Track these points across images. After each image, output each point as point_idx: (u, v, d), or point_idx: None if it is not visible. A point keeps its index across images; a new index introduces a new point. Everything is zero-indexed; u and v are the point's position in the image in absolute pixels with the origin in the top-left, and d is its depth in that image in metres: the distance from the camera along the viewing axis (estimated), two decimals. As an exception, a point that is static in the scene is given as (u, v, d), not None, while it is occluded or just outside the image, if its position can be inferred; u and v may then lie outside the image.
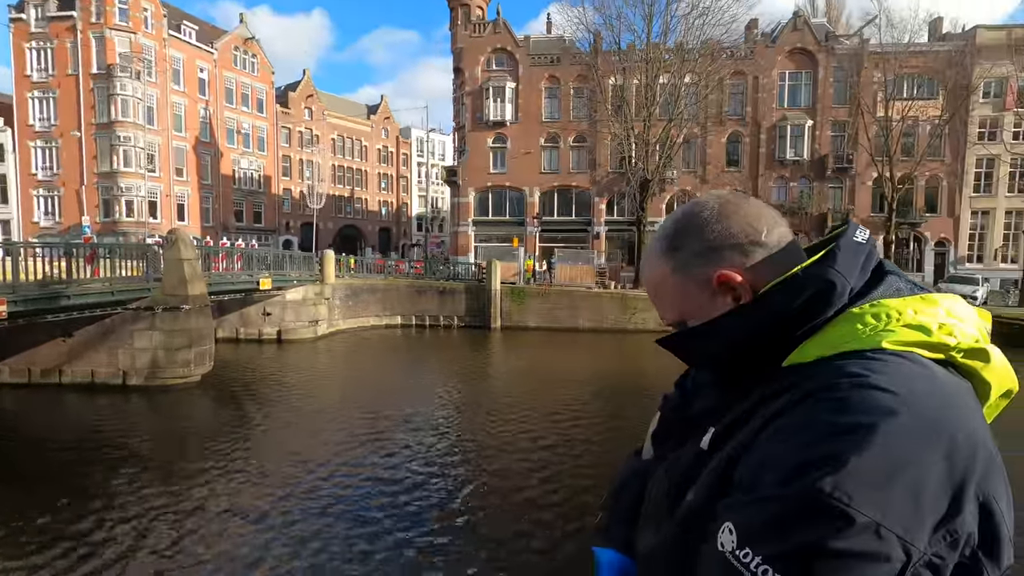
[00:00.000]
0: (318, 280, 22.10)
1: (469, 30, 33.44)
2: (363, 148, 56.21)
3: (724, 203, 0.79)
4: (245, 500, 7.02)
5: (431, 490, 7.43)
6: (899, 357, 0.64)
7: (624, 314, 23.55)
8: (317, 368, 16.21)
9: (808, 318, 0.70)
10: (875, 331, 0.66)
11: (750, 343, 0.73)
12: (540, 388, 13.95)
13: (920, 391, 0.60)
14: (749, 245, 0.75)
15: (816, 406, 0.61)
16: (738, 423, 0.70)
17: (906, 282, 0.74)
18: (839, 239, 0.75)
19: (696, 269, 0.77)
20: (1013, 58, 28.28)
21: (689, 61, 26.54)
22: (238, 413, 11.51)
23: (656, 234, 0.85)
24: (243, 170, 44.33)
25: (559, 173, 33.22)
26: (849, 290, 0.70)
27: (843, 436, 0.57)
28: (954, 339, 0.67)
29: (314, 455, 8.60)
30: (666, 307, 0.83)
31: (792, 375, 0.67)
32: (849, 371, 0.62)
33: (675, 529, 0.73)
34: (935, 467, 0.56)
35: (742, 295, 0.75)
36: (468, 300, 24.50)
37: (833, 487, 0.54)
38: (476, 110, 33.37)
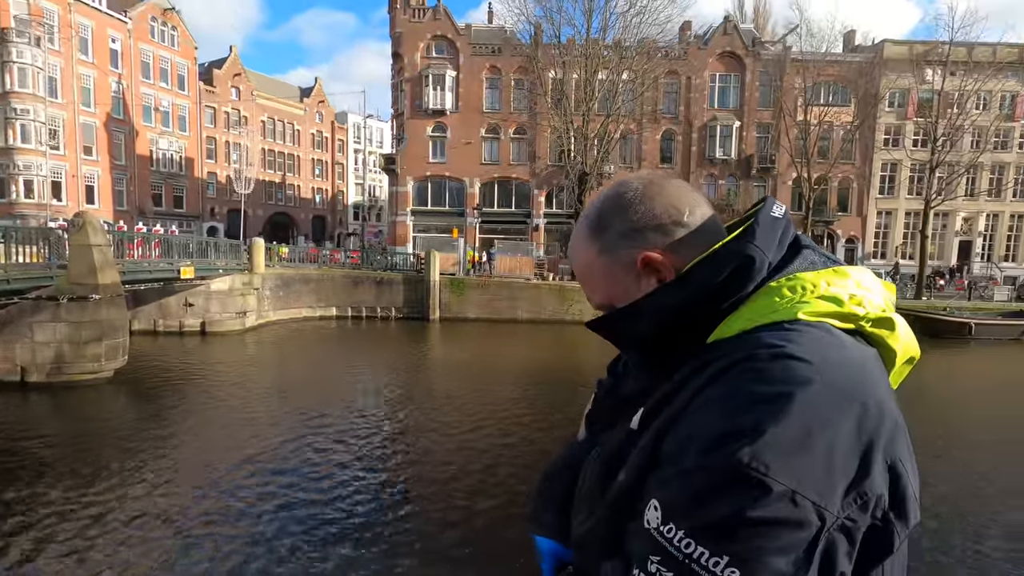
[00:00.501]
0: (246, 269, 21.01)
1: (408, 15, 32.64)
2: (296, 132, 53.80)
3: (647, 184, 0.79)
4: (158, 504, 6.58)
5: (363, 487, 7.26)
6: (813, 327, 0.67)
7: (562, 305, 23.94)
8: (244, 362, 15.45)
9: (730, 293, 0.71)
10: (791, 303, 0.69)
11: (676, 321, 0.74)
12: (479, 380, 13.96)
13: (833, 360, 0.62)
14: (671, 226, 0.76)
15: (737, 377, 0.62)
16: (666, 400, 0.70)
17: (820, 255, 0.77)
18: (757, 215, 0.76)
19: (621, 251, 0.78)
20: (914, 71, 30.89)
21: (627, 58, 27.15)
22: (154, 410, 10.77)
23: (581, 216, 0.85)
24: (162, 151, 41.33)
25: (499, 164, 33.19)
26: (768, 264, 0.72)
27: (761, 406, 0.58)
28: (863, 309, 0.70)
29: (237, 454, 8.20)
30: (594, 289, 0.83)
31: (716, 350, 0.69)
32: (767, 342, 0.64)
33: (607, 510, 0.73)
34: (847, 434, 0.58)
35: (666, 275, 0.76)
36: (406, 291, 24.10)
37: (751, 457, 0.56)
38: (415, 97, 32.70)
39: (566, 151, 28.14)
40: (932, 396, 12.38)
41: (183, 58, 42.43)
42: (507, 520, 6.26)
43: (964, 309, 23.81)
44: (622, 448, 0.75)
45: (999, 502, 7.20)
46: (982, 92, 29.33)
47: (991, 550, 5.96)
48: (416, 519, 6.41)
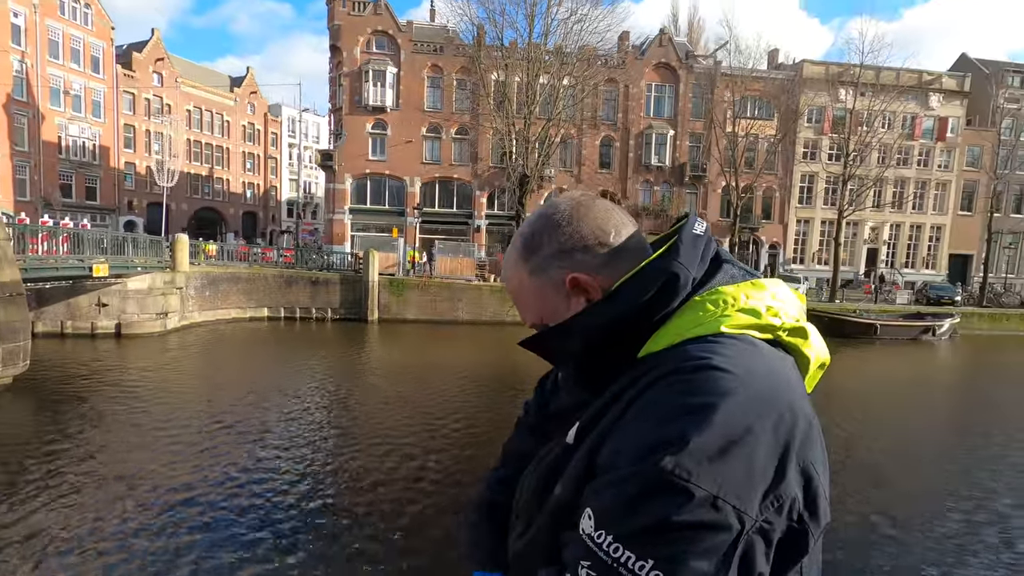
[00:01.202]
0: (168, 267, 19.74)
1: (348, 7, 31.77)
2: (225, 123, 51.07)
3: (575, 206, 0.82)
4: (57, 522, 6.06)
5: (284, 501, 6.99)
6: (735, 339, 0.71)
7: (503, 307, 24.02)
8: (163, 366, 14.50)
9: (657, 309, 0.75)
10: (714, 317, 0.73)
11: (605, 338, 0.77)
12: (417, 383, 13.78)
13: (754, 370, 0.66)
14: (598, 246, 0.80)
15: (664, 389, 0.66)
16: (600, 413, 0.73)
17: (739, 269, 0.81)
18: (680, 232, 0.80)
19: (551, 271, 0.81)
20: (829, 90, 33.33)
21: (567, 64, 27.66)
22: (57, 421, 9.89)
23: (513, 238, 0.88)
24: (73, 138, 38.11)
25: (441, 164, 32.92)
26: (691, 280, 0.76)
27: (686, 416, 0.61)
28: (779, 320, 0.75)
29: (148, 467, 7.68)
30: (526, 309, 0.86)
31: (646, 363, 0.72)
32: (693, 354, 0.68)
33: (545, 523, 0.76)
34: (765, 440, 0.61)
35: (593, 294, 0.79)
36: (343, 291, 23.43)
37: (675, 464, 0.59)
38: (355, 93, 31.87)
39: (508, 153, 28.29)
40: (843, 391, 13.38)
41: (98, 38, 39.33)
42: (435, 523, 6.22)
43: (871, 311, 25.89)
44: (558, 462, 0.78)
45: (896, 494, 7.88)
46: (887, 112, 32.04)
47: (886, 541, 6.51)
48: (340, 529, 6.24)
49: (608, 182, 33.49)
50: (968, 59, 40.68)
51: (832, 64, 35.11)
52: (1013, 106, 37.22)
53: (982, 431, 11.11)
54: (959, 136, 37.29)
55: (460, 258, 26.92)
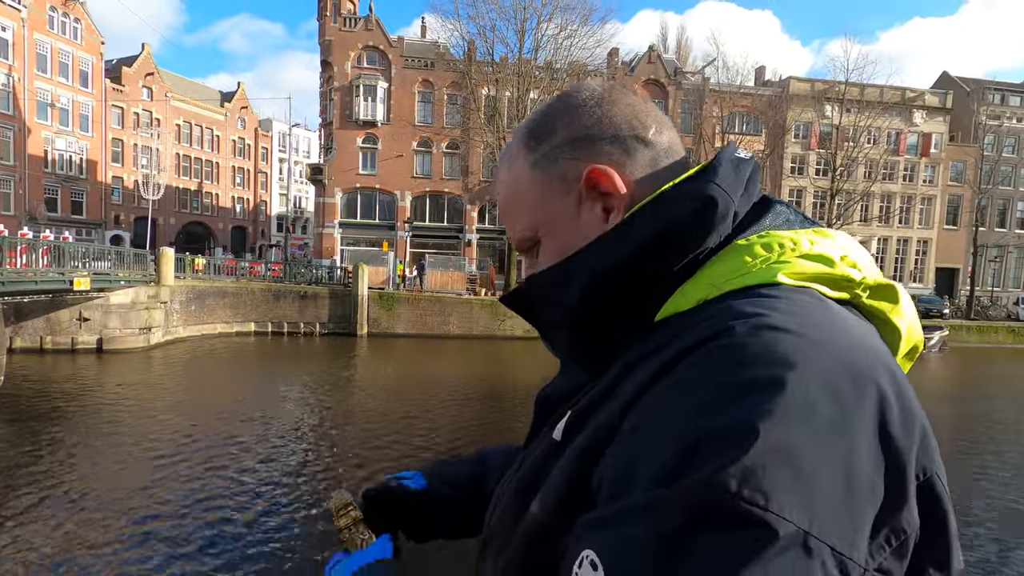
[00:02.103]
0: (153, 281, 19.40)
1: (339, 23, 31.92)
2: (215, 138, 50.92)
3: (609, 89, 0.61)
4: (22, 540, 5.76)
5: (271, 522, 6.72)
6: (799, 293, 0.49)
7: (494, 321, 23.85)
8: (145, 382, 14.12)
9: (684, 250, 0.53)
10: (767, 263, 0.51)
11: (613, 288, 0.55)
12: (406, 398, 13.51)
13: (834, 333, 0.45)
14: (633, 140, 0.58)
15: (702, 363, 0.43)
16: (598, 401, 0.52)
17: (796, 213, 0.60)
18: (719, 154, 0.59)
19: (563, 161, 0.59)
20: (816, 107, 33.85)
21: (557, 79, 27.88)
22: (33, 438, 9.53)
23: (516, 129, 0.65)
24: (59, 151, 37.75)
25: (431, 178, 32.90)
26: (733, 213, 0.55)
27: (744, 400, 0.39)
28: (859, 272, 0.53)
29: (126, 488, 7.38)
30: (517, 216, 0.63)
31: (668, 329, 0.51)
32: (741, 310, 0.46)
33: (517, 552, 0.54)
34: (867, 437, 0.39)
35: (615, 203, 0.57)
36: (332, 305, 23.14)
37: (741, 481, 0.36)
38: (345, 107, 31.89)
39: (499, 167, 28.31)
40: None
41: (87, 53, 39.21)
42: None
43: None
44: (540, 466, 0.56)
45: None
46: (873, 128, 32.56)
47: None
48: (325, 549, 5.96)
49: (599, 196, 33.69)
50: (949, 77, 41.57)
51: (818, 81, 35.70)
52: (994, 122, 37.99)
53: (992, 449, 10.88)
54: (942, 151, 37.92)
55: (451, 272, 26.77)
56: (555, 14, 27.57)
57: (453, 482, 0.85)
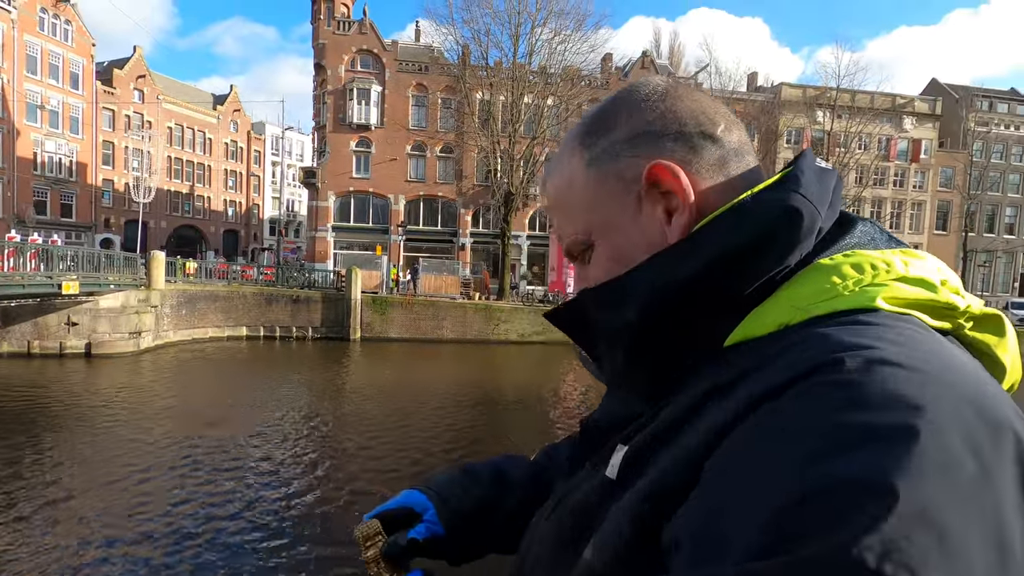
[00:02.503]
0: (143, 285, 19.19)
1: (333, 26, 31.87)
2: (207, 141, 50.65)
3: (673, 83, 0.57)
4: (13, 552, 5.62)
5: (259, 534, 6.61)
6: (902, 322, 0.42)
7: (488, 325, 23.77)
8: (133, 387, 13.92)
9: (763, 268, 0.47)
10: (860, 285, 0.44)
11: (680, 307, 0.48)
12: (400, 403, 13.40)
13: (960, 372, 0.38)
14: (699, 137, 0.52)
15: (807, 401, 0.37)
16: (663, 437, 0.46)
17: (880, 230, 0.52)
18: (798, 162, 0.51)
19: (623, 158, 0.53)
20: (807, 112, 34.12)
21: (552, 84, 27.95)
22: (17, 444, 9.36)
23: (577, 123, 0.60)
24: (49, 154, 37.39)
25: (425, 182, 32.84)
26: (819, 228, 0.48)
27: (872, 451, 0.32)
28: (963, 300, 0.46)
29: (114, 495, 7.25)
30: (569, 218, 0.57)
31: (744, 357, 0.44)
32: (845, 340, 0.39)
33: None
34: (1011, 494, 0.33)
35: (679, 207, 0.51)
36: (325, 310, 23.00)
37: (882, 555, 0.29)
38: (339, 111, 31.80)
39: (492, 171, 28.33)
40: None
41: (78, 55, 38.91)
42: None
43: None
44: (591, 507, 0.50)
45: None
46: (863, 134, 32.85)
47: None
48: (318, 559, 5.87)
49: (592, 201, 33.77)
50: (938, 84, 42.06)
51: (809, 87, 36.01)
52: (982, 129, 38.45)
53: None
54: (932, 157, 38.32)
55: (444, 276, 26.68)
56: (549, 19, 27.69)
57: (468, 515, 0.77)
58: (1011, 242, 39.95)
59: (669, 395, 0.49)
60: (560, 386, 16.01)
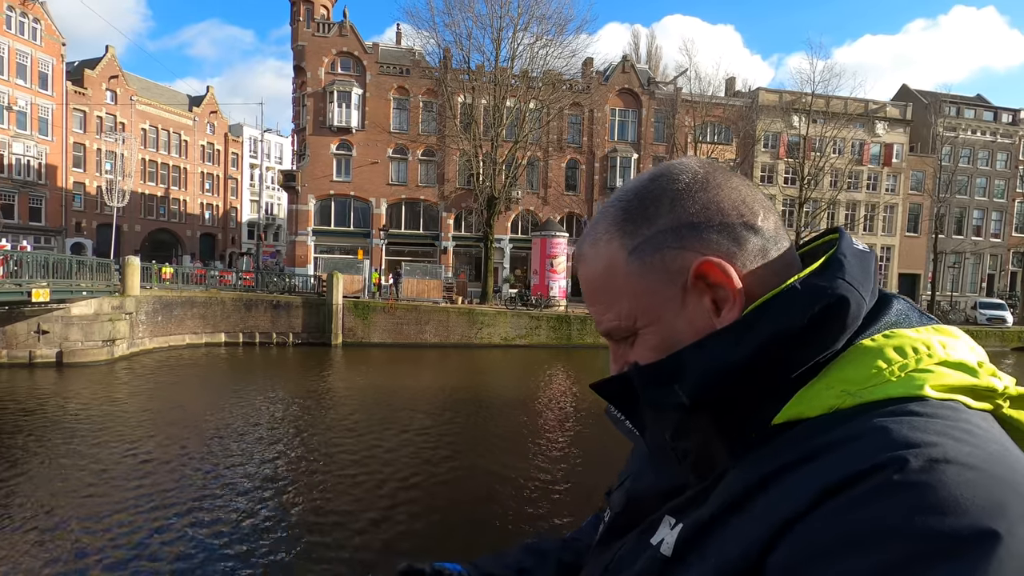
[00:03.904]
0: (117, 291, 18.73)
1: (312, 28, 31.54)
2: (183, 143, 49.69)
3: (711, 170, 0.57)
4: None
5: (240, 547, 6.48)
6: (950, 410, 0.44)
7: (471, 329, 23.70)
8: (106, 397, 13.56)
9: (812, 351, 0.49)
10: (906, 371, 0.46)
11: (734, 388, 0.50)
12: (382, 409, 13.28)
13: (1016, 467, 0.39)
14: (742, 228, 0.53)
15: (875, 504, 0.37)
16: (721, 519, 0.47)
17: (912, 307, 0.54)
18: (840, 246, 0.53)
19: (667, 251, 0.54)
20: (784, 117, 34.79)
21: (533, 88, 28.03)
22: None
23: (607, 203, 0.60)
24: (16, 156, 36.33)
25: (407, 186, 32.66)
26: (863, 312, 0.51)
27: (952, 559, 0.33)
28: (1001, 382, 0.48)
29: (81, 508, 7.04)
30: (609, 305, 0.57)
31: (797, 440, 0.46)
32: (904, 437, 0.40)
33: None
34: None
35: (727, 299, 0.52)
36: (306, 315, 22.70)
37: None
38: (319, 113, 31.46)
39: (475, 175, 28.30)
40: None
41: (47, 54, 37.90)
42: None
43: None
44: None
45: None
46: (838, 138, 33.60)
47: None
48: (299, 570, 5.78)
49: (574, 204, 33.87)
50: (909, 90, 43.21)
51: (786, 92, 36.71)
52: (951, 134, 39.60)
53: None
54: (903, 161, 39.33)
55: (427, 280, 26.54)
56: (531, 23, 27.77)
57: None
58: (978, 244, 41.19)
59: (718, 469, 0.51)
60: (545, 390, 16.02)
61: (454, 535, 6.55)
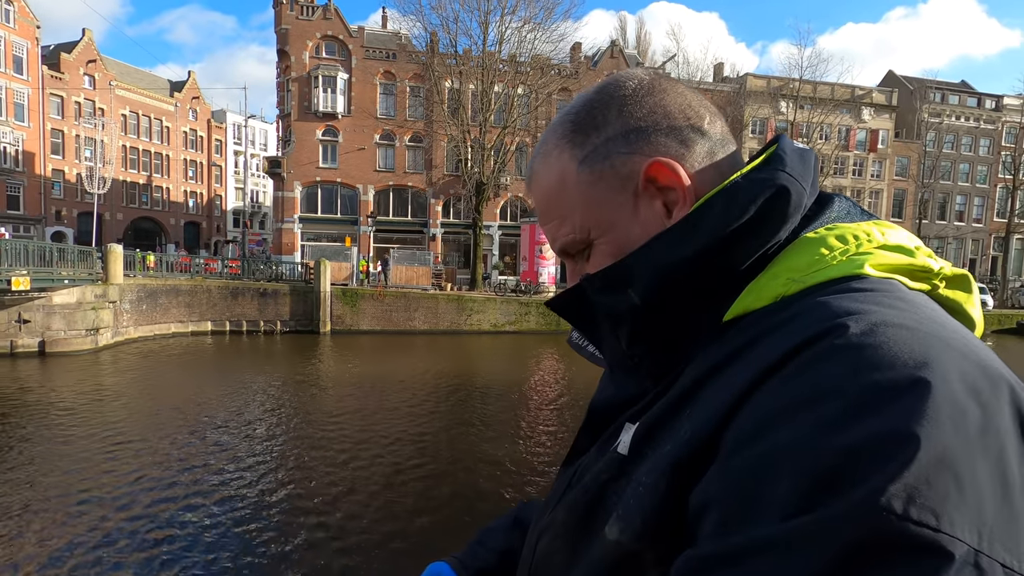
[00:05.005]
0: (100, 279, 18.43)
1: (296, 11, 30.92)
2: (165, 129, 48.74)
3: (655, 77, 0.57)
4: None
5: (228, 535, 6.47)
6: (889, 285, 0.46)
7: (460, 316, 23.69)
8: (91, 387, 13.39)
9: (758, 243, 0.50)
10: (847, 255, 0.48)
11: (683, 287, 0.51)
12: (371, 396, 13.26)
13: (952, 329, 0.42)
14: (690, 130, 0.54)
15: (820, 365, 0.38)
16: (676, 410, 0.48)
17: (854, 205, 0.56)
18: (779, 143, 0.55)
19: (616, 158, 0.54)
20: (771, 103, 34.87)
21: (522, 73, 27.79)
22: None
23: (555, 119, 0.60)
24: (-8, 143, 35.44)
25: (394, 172, 32.35)
26: (804, 204, 0.52)
27: (890, 406, 0.35)
28: (936, 263, 0.50)
29: (67, 499, 6.98)
30: (562, 219, 0.57)
31: (744, 330, 0.47)
32: (844, 306, 0.42)
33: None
34: (1012, 437, 0.35)
35: (677, 201, 0.53)
36: (294, 303, 22.53)
37: (907, 500, 0.32)
38: (304, 99, 30.97)
39: (463, 161, 28.10)
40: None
41: (21, 37, 36.84)
42: (394, 553, 5.86)
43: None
44: (605, 484, 0.50)
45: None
46: (824, 124, 33.77)
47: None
48: (285, 557, 5.79)
49: (563, 190, 33.88)
50: (895, 76, 43.45)
51: (774, 78, 36.77)
52: (935, 120, 39.98)
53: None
54: (889, 147, 39.68)
55: (415, 267, 26.43)
56: (519, 6, 27.47)
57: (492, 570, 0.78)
58: (961, 229, 41.80)
59: (674, 372, 0.51)
60: (535, 374, 16.09)
61: (446, 520, 6.58)
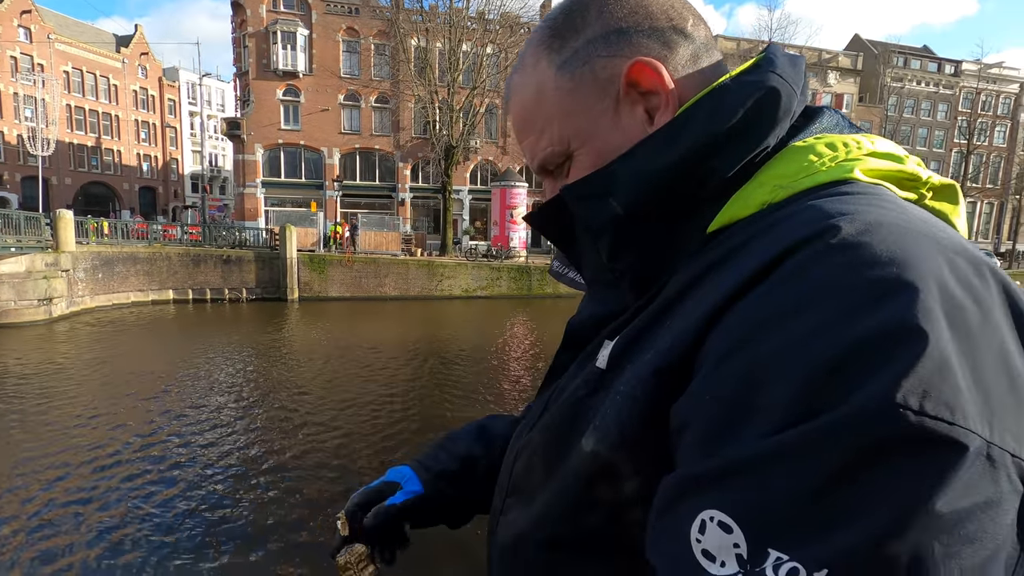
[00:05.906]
0: (50, 247, 17.58)
1: (250, -40, 29.12)
2: (112, 87, 45.93)
3: None
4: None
5: (186, 514, 6.44)
6: (878, 191, 0.44)
7: (431, 281, 23.56)
8: (44, 359, 12.94)
9: (745, 148, 0.47)
10: (836, 161, 0.46)
11: (666, 196, 0.48)
12: (341, 363, 13.19)
13: (940, 226, 0.40)
14: (672, 32, 0.51)
15: (813, 266, 0.36)
16: (657, 321, 0.45)
17: (843, 117, 0.54)
18: (769, 48, 0.53)
19: (596, 60, 0.51)
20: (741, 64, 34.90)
21: (490, 31, 26.98)
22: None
23: (534, 30, 0.57)
24: (-81, 100, 32.85)
25: (360, 134, 31.39)
26: (793, 112, 0.49)
27: (892, 302, 0.33)
28: (924, 171, 0.48)
29: (28, 475, 6.82)
30: (541, 130, 0.54)
31: (731, 238, 0.45)
32: (835, 208, 0.40)
33: (564, 494, 0.48)
34: (1007, 325, 0.35)
35: (659, 106, 0.50)
36: (259, 270, 21.99)
37: (922, 395, 0.30)
38: (262, 56, 29.50)
39: (431, 123, 27.41)
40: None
41: (-56, -16, 33.80)
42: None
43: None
44: (583, 398, 0.49)
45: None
46: (792, 88, 34.06)
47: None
48: (255, 534, 5.81)
49: (534, 154, 33.54)
50: (860, 39, 43.83)
51: (743, 40, 36.66)
52: (897, 84, 40.69)
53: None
54: (852, 111, 40.31)
55: (384, 232, 26.01)
56: (486, -40, 26.42)
57: (452, 474, 0.77)
58: (917, 192, 43.19)
59: (656, 286, 0.49)
60: (507, 338, 16.22)
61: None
